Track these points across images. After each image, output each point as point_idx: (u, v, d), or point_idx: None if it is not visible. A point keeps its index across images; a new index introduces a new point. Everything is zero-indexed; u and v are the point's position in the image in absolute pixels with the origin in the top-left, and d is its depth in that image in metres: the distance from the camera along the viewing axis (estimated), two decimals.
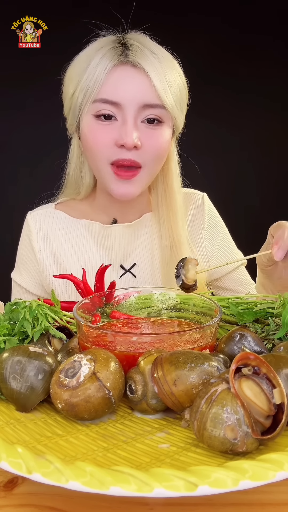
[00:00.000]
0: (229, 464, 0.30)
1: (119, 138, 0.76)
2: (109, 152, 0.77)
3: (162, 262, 0.91)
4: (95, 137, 0.78)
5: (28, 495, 0.35)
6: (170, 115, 0.80)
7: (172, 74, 0.79)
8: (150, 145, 0.78)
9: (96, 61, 0.76)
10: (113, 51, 0.77)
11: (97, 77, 0.76)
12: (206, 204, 0.98)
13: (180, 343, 0.47)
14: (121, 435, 0.40)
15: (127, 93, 0.76)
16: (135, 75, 0.76)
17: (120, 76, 0.76)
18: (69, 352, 0.51)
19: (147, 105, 0.77)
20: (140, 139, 0.77)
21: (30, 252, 0.93)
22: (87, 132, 0.79)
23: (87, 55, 0.79)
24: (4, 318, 0.54)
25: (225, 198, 1.99)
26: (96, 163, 0.80)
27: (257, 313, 0.59)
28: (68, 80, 0.83)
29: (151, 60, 0.77)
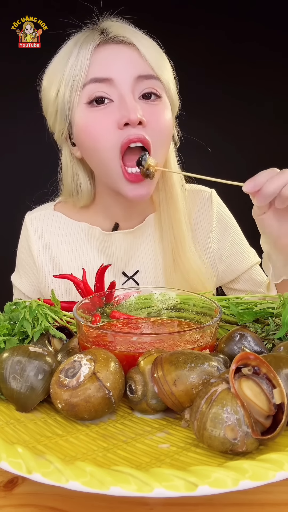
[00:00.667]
0: (229, 464, 0.30)
1: (120, 117, 0.68)
2: (114, 137, 0.69)
3: (164, 268, 0.86)
4: (92, 126, 0.70)
5: (28, 495, 0.35)
6: (165, 88, 0.74)
7: (157, 49, 0.74)
8: (154, 121, 0.70)
9: (76, 51, 0.71)
10: (91, 35, 0.72)
11: (81, 63, 0.70)
12: (214, 201, 0.90)
13: (180, 343, 0.47)
14: (121, 435, 0.40)
15: (117, 67, 0.69)
16: (122, 49, 0.71)
17: (106, 53, 0.71)
18: (69, 352, 0.51)
19: (141, 76, 0.70)
20: (144, 116, 0.69)
21: (29, 256, 0.90)
22: (83, 126, 0.72)
23: (64, 53, 0.74)
24: (4, 318, 0.54)
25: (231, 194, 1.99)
26: (103, 159, 0.72)
27: (257, 313, 0.59)
28: (48, 85, 0.77)
29: (134, 35, 0.72)
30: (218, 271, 0.91)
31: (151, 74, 0.71)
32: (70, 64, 0.71)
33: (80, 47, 0.71)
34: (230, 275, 0.93)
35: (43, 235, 0.88)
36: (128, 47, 0.71)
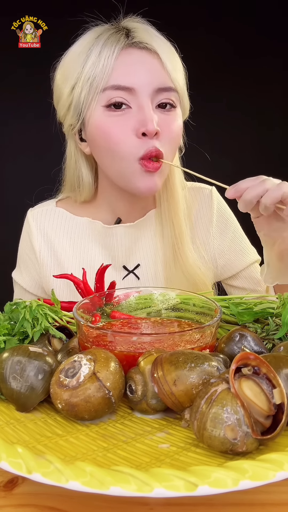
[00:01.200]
0: (229, 464, 0.30)
1: (138, 126, 0.70)
2: (134, 145, 0.71)
3: (164, 264, 0.87)
4: (109, 131, 0.71)
5: (28, 495, 0.35)
6: (180, 98, 0.76)
7: (176, 57, 0.76)
8: (167, 131, 0.72)
9: (98, 49, 0.71)
10: (116, 35, 0.72)
11: (104, 64, 0.70)
12: (214, 199, 0.91)
13: (180, 343, 0.47)
14: (121, 435, 0.40)
15: (139, 77, 0.70)
16: (145, 57, 0.72)
17: (130, 59, 0.71)
18: (69, 352, 0.51)
19: (161, 89, 0.72)
20: (159, 125, 0.71)
21: (30, 251, 0.90)
22: (102, 127, 0.72)
23: (83, 47, 0.73)
24: (4, 318, 0.54)
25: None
26: (121, 165, 0.73)
27: (257, 313, 0.59)
28: (62, 77, 0.76)
29: (158, 42, 0.73)
30: (217, 266, 0.92)
31: (170, 86, 0.73)
32: (90, 62, 0.71)
33: (103, 46, 0.71)
34: (229, 271, 0.93)
35: (45, 230, 0.89)
36: (151, 54, 0.72)
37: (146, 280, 0.88)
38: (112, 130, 0.71)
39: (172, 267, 0.85)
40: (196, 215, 0.91)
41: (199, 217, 0.91)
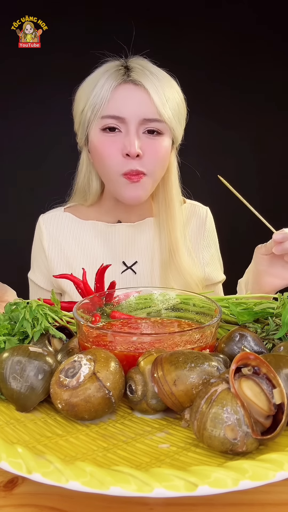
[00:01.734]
0: (229, 464, 0.30)
1: (123, 147, 0.85)
2: (119, 163, 0.86)
3: (160, 263, 0.97)
4: (104, 149, 0.87)
5: (28, 495, 0.35)
6: (169, 127, 0.88)
7: (170, 91, 0.88)
8: (151, 153, 0.87)
9: (102, 82, 0.86)
10: (117, 72, 0.87)
11: (103, 95, 0.85)
12: (208, 218, 1.07)
13: (180, 343, 0.47)
14: (121, 435, 0.40)
15: (129, 109, 0.85)
16: (136, 92, 0.86)
17: (123, 93, 0.86)
18: (69, 352, 0.51)
19: (146, 119, 0.85)
20: (142, 148, 0.85)
21: (40, 250, 1.01)
22: (97, 145, 0.88)
23: (94, 78, 0.89)
24: (4, 318, 0.54)
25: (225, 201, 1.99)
26: (108, 174, 0.89)
27: (257, 313, 0.59)
28: (78, 99, 0.92)
29: (150, 79, 0.86)
30: (204, 273, 1.06)
31: (156, 118, 0.86)
32: (95, 92, 0.87)
33: (106, 79, 0.86)
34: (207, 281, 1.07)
35: (54, 232, 1.00)
36: (142, 90, 0.86)
37: (143, 276, 0.98)
38: (104, 148, 0.87)
39: (168, 266, 0.96)
40: (192, 228, 1.06)
41: (194, 230, 1.06)
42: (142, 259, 0.99)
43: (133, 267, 0.98)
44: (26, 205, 1.98)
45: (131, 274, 0.98)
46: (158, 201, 0.98)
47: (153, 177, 0.89)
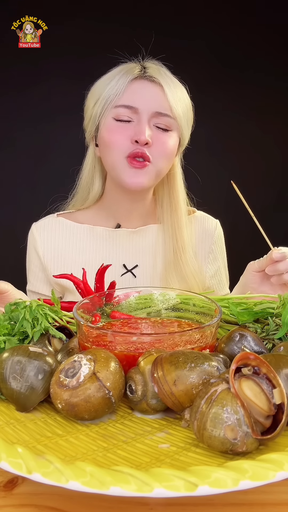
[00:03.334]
0: (229, 464, 0.30)
1: (134, 135, 0.87)
2: (125, 147, 0.87)
3: (163, 268, 0.98)
4: (113, 134, 0.89)
5: (28, 495, 0.35)
6: (178, 125, 0.91)
7: (181, 93, 0.92)
8: (159, 144, 0.88)
9: (118, 77, 0.89)
10: (133, 69, 0.90)
11: (118, 87, 0.88)
12: (217, 231, 1.08)
13: (180, 343, 0.47)
14: (121, 435, 0.40)
15: (143, 100, 0.88)
16: (151, 87, 0.89)
17: (139, 86, 0.89)
18: (69, 352, 0.51)
19: (158, 113, 0.88)
20: (151, 138, 0.87)
21: (35, 258, 1.00)
22: (106, 131, 0.89)
23: (110, 75, 0.91)
24: (4, 318, 0.54)
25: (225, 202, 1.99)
26: (113, 158, 0.89)
27: (257, 313, 0.59)
28: (91, 96, 0.94)
29: (165, 78, 0.90)
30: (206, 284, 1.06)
31: (167, 113, 0.89)
32: (109, 87, 0.89)
33: (122, 75, 0.89)
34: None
35: (49, 238, 0.99)
36: (157, 87, 0.89)
37: (143, 280, 0.98)
38: (114, 133, 0.89)
39: (171, 269, 0.97)
40: (199, 240, 1.06)
41: (201, 242, 1.06)
42: (143, 264, 0.98)
43: (133, 270, 0.98)
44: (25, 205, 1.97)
45: (130, 277, 0.97)
46: (162, 206, 0.99)
47: (157, 168, 0.90)
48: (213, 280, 1.06)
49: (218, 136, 2.35)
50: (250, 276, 0.81)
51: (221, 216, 1.10)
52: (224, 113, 2.36)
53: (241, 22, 2.30)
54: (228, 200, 2.33)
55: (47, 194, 1.07)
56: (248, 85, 2.36)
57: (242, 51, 2.32)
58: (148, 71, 0.90)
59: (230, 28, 2.30)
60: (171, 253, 0.97)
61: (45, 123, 2.25)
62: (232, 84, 2.35)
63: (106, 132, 0.90)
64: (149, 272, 0.98)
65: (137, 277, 0.97)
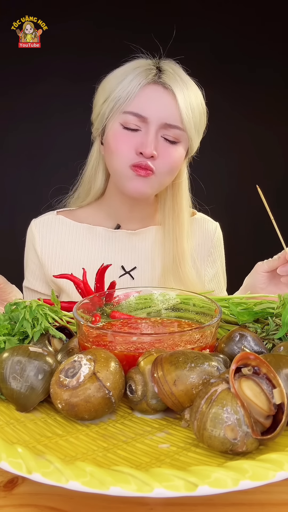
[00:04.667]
0: (229, 464, 0.30)
1: (140, 146, 0.84)
2: (130, 157, 0.85)
3: (161, 272, 0.96)
4: (118, 142, 0.86)
5: (28, 495, 0.35)
6: (187, 136, 0.88)
7: (196, 101, 0.88)
8: (164, 157, 0.86)
9: (130, 77, 0.85)
10: (148, 71, 0.85)
11: (130, 90, 0.84)
12: (217, 234, 1.06)
13: (180, 343, 0.47)
14: (121, 435, 0.40)
15: (154, 110, 0.84)
16: (164, 95, 0.85)
17: (151, 93, 0.85)
18: (69, 352, 0.51)
19: (168, 124, 0.85)
20: (157, 150, 0.85)
21: (33, 255, 0.98)
22: (112, 137, 0.87)
23: (123, 71, 0.87)
24: (4, 318, 0.54)
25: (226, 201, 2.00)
26: (116, 165, 0.87)
27: (257, 313, 0.59)
28: (101, 90, 0.90)
29: (180, 85, 0.86)
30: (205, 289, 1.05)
31: (177, 125, 0.85)
32: (121, 85, 0.85)
33: (136, 76, 0.85)
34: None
35: (48, 236, 0.98)
36: (170, 95, 0.85)
37: (141, 283, 0.97)
38: (120, 141, 0.86)
39: (170, 275, 0.96)
40: (198, 242, 1.04)
41: (200, 245, 1.04)
42: (142, 266, 0.97)
43: (131, 272, 0.97)
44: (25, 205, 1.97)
45: (129, 279, 0.96)
46: (164, 209, 0.97)
47: (161, 179, 0.88)
48: (212, 284, 1.06)
49: (219, 137, 2.35)
50: (258, 277, 0.79)
51: (220, 219, 1.10)
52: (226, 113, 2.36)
53: (245, 22, 2.30)
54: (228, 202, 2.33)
55: (46, 190, 1.06)
56: (251, 85, 2.36)
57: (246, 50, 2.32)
58: (163, 77, 0.85)
59: (234, 27, 2.29)
60: (170, 260, 0.96)
61: (45, 122, 2.25)
62: (235, 85, 2.35)
63: (112, 138, 0.87)
64: (148, 274, 0.97)
65: (135, 279, 0.96)
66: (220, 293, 1.07)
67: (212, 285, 1.06)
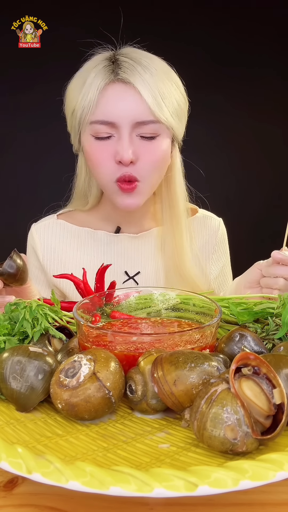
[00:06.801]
0: (229, 464, 0.30)
1: (116, 154, 0.79)
2: (111, 169, 0.80)
3: (165, 275, 0.95)
4: (95, 155, 0.81)
5: (28, 495, 0.35)
6: (167, 127, 0.81)
7: (166, 86, 0.79)
8: (146, 158, 0.80)
9: (90, 80, 0.78)
10: (105, 70, 0.78)
11: (90, 97, 0.78)
12: (220, 230, 1.03)
13: (180, 343, 0.47)
14: (121, 435, 0.40)
15: (120, 112, 0.77)
16: (126, 92, 0.78)
17: (112, 95, 0.78)
18: (69, 352, 0.51)
19: (140, 122, 0.78)
20: (136, 153, 0.79)
21: (34, 259, 0.97)
22: (88, 151, 0.83)
23: (82, 73, 0.81)
24: (4, 318, 0.54)
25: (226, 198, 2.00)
26: (101, 181, 0.84)
27: (257, 313, 0.59)
28: (68, 98, 0.85)
29: (142, 76, 0.77)
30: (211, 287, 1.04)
31: (150, 119, 0.78)
32: (83, 92, 0.79)
33: (94, 78, 0.78)
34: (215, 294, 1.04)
35: (48, 241, 0.97)
36: (132, 89, 0.78)
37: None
38: (96, 154, 0.81)
39: (173, 277, 0.93)
40: (203, 240, 1.01)
41: (205, 242, 1.01)
42: (146, 270, 0.95)
43: (135, 277, 0.95)
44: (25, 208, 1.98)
45: (133, 284, 0.94)
46: (162, 202, 0.94)
47: (149, 183, 0.83)
48: (218, 281, 1.03)
49: (221, 133, 2.36)
50: (252, 270, 0.77)
51: (223, 214, 1.08)
52: (225, 110, 2.36)
53: (242, 18, 2.30)
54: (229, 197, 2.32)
55: (46, 193, 1.06)
56: (252, 82, 2.36)
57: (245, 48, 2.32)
58: (120, 72, 0.77)
59: (231, 24, 2.29)
60: (171, 258, 0.93)
61: (45, 123, 2.25)
62: (235, 82, 2.35)
63: (88, 152, 0.82)
64: (152, 279, 0.95)
65: (139, 284, 0.94)
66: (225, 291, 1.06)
67: (218, 282, 1.04)
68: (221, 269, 1.04)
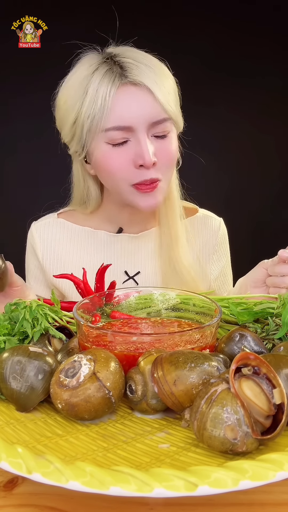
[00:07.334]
0: (229, 464, 0.30)
1: (136, 158, 0.77)
2: (130, 174, 0.79)
3: (162, 274, 0.94)
4: (112, 162, 0.79)
5: (28, 495, 0.35)
6: (174, 121, 0.82)
7: (167, 81, 0.80)
8: (163, 157, 0.80)
9: (94, 86, 0.76)
10: (110, 73, 0.77)
11: (102, 104, 0.76)
12: (221, 231, 1.02)
13: (180, 343, 0.47)
14: (121, 435, 0.40)
15: (135, 114, 0.76)
16: (138, 94, 0.77)
17: (126, 99, 0.76)
18: (69, 352, 0.51)
19: (155, 122, 0.78)
20: (155, 154, 0.78)
21: (34, 258, 0.97)
22: (103, 158, 0.80)
23: (81, 78, 0.78)
24: (4, 318, 0.54)
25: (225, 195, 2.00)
26: (117, 187, 0.82)
27: (257, 313, 0.59)
28: (64, 107, 0.81)
29: (149, 75, 0.77)
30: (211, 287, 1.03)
31: (164, 117, 0.78)
32: (88, 100, 0.76)
33: (99, 84, 0.76)
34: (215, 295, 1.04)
35: (49, 240, 0.96)
36: (143, 90, 0.77)
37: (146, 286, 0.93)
38: (114, 161, 0.79)
39: (170, 277, 0.92)
40: (203, 240, 1.00)
41: (205, 242, 1.00)
42: (146, 270, 0.95)
43: (135, 277, 0.94)
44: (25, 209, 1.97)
45: (133, 284, 0.93)
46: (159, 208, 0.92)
47: (167, 180, 0.83)
48: (218, 282, 1.03)
49: (219, 135, 2.36)
50: (257, 269, 0.76)
51: (224, 214, 1.08)
52: (223, 113, 2.36)
53: (242, 22, 2.30)
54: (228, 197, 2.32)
55: (46, 192, 1.05)
56: (252, 86, 2.36)
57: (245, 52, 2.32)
58: (128, 74, 0.76)
59: (231, 28, 2.29)
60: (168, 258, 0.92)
61: (45, 122, 2.25)
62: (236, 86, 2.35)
63: (103, 160, 0.80)
64: (152, 278, 0.95)
65: (139, 284, 0.94)
66: (225, 291, 1.05)
67: (219, 283, 1.03)
68: (221, 270, 1.03)
